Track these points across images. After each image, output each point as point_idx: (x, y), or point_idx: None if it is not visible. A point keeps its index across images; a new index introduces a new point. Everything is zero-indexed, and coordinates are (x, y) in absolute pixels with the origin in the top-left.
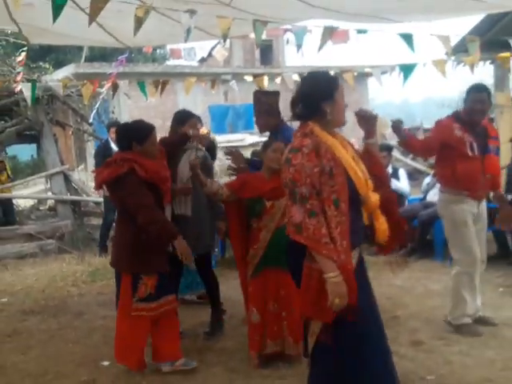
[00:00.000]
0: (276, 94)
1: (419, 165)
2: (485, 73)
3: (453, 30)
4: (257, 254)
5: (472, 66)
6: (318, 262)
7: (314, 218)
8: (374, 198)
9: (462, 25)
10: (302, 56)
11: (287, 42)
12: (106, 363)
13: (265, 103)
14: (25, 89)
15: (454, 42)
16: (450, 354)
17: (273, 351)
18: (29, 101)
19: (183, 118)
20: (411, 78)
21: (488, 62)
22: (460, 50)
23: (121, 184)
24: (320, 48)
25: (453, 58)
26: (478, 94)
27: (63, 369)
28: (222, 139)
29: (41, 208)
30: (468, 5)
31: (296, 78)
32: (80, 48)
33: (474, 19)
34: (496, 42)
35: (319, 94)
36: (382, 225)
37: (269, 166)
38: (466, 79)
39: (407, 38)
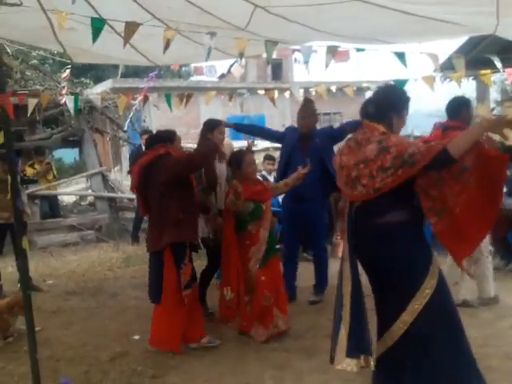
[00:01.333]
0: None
1: None
2: (467, 87)
3: (440, 49)
4: (260, 250)
5: (458, 82)
6: None
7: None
8: None
9: (449, 45)
10: (308, 73)
11: (295, 60)
12: (136, 337)
13: (312, 108)
14: (68, 101)
15: (441, 59)
16: None
17: (282, 330)
18: (72, 111)
19: (213, 125)
20: None
21: (471, 78)
22: (447, 67)
23: (161, 161)
24: (327, 65)
25: (440, 74)
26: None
27: (100, 342)
28: (238, 145)
29: (82, 203)
30: (453, 29)
31: (302, 91)
32: (116, 66)
33: (459, 40)
34: (478, 60)
35: (391, 104)
36: None
37: (249, 177)
38: (451, 93)
39: (400, 56)
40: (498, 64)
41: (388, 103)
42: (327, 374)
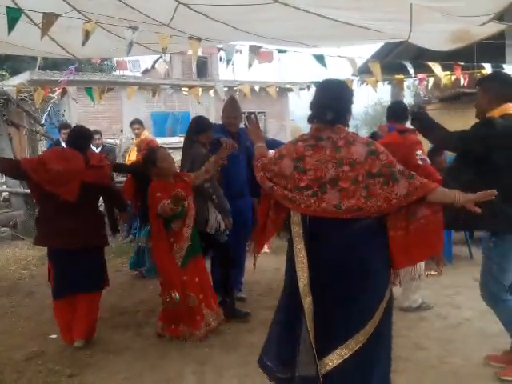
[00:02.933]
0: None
1: None
2: (383, 91)
3: (357, 53)
4: (182, 248)
5: (374, 86)
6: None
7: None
8: None
9: (366, 50)
10: (233, 71)
11: (220, 59)
12: (53, 336)
13: (239, 109)
14: None
15: (358, 64)
16: None
17: (213, 327)
18: None
19: (202, 129)
20: None
21: (386, 83)
22: (363, 71)
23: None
24: (250, 65)
25: (358, 78)
26: None
27: (15, 341)
28: (162, 141)
29: None
30: (370, 35)
31: (225, 89)
32: (35, 58)
33: (375, 46)
34: (392, 66)
35: (347, 107)
36: None
37: (167, 173)
38: (368, 96)
39: (319, 58)
40: (411, 70)
41: (345, 107)
42: (246, 368)
